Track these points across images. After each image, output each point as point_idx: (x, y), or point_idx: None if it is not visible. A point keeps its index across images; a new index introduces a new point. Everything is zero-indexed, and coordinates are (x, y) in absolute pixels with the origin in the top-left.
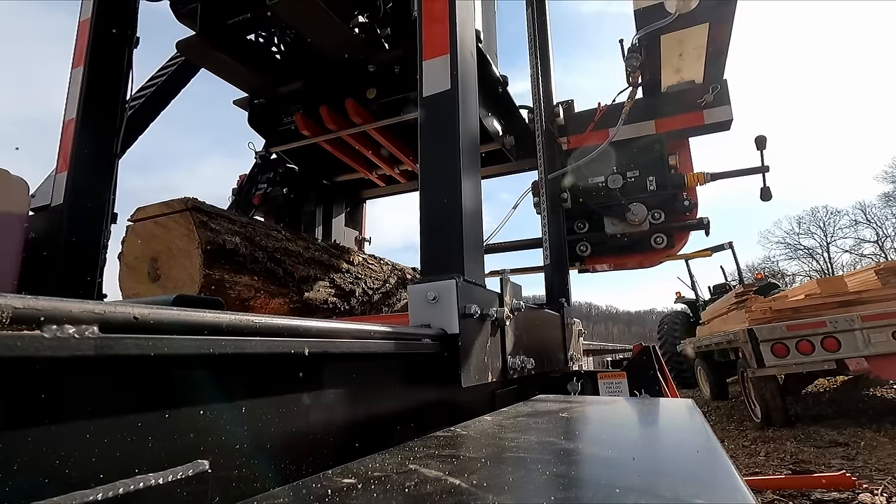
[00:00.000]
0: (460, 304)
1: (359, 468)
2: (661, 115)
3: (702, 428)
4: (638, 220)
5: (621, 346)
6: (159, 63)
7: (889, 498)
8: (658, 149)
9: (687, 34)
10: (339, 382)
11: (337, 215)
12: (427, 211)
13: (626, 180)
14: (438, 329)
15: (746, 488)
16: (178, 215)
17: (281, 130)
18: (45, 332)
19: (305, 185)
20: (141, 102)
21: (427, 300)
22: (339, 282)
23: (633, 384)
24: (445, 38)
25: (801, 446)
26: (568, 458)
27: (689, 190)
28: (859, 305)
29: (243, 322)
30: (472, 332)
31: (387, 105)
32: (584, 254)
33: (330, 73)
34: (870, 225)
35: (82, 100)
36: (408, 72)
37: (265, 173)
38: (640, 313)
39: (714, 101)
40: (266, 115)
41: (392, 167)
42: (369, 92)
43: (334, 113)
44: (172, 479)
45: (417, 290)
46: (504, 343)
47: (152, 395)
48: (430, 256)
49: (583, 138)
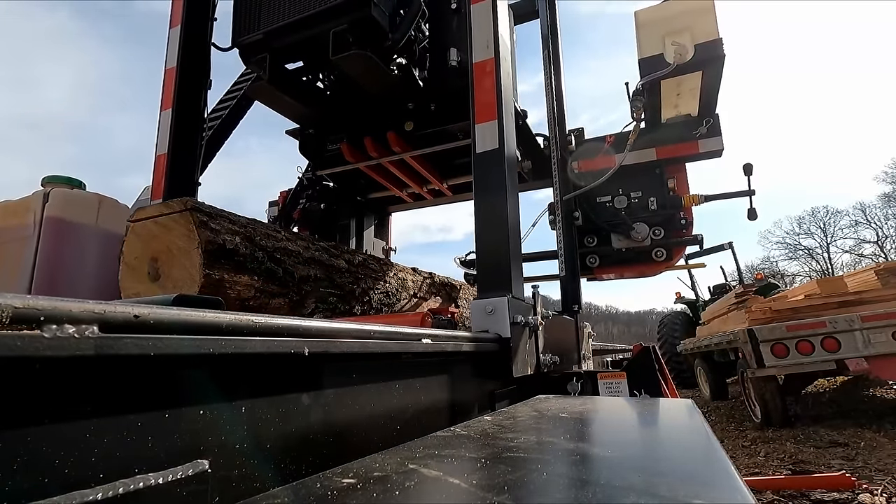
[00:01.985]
0: (510, 315)
1: (359, 468)
2: (661, 144)
3: (701, 428)
4: (641, 238)
5: (621, 346)
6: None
7: (889, 498)
8: (658, 173)
9: (683, 79)
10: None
11: (367, 227)
12: (482, 247)
13: (630, 200)
14: (495, 334)
15: (746, 488)
16: (178, 215)
17: (327, 156)
18: (45, 331)
19: (340, 201)
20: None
21: (486, 312)
22: (339, 282)
23: (633, 384)
24: (493, 108)
25: (800, 447)
26: (568, 458)
27: (685, 210)
28: (859, 306)
29: (243, 322)
30: (518, 336)
31: (422, 137)
32: (594, 265)
33: (373, 109)
34: (870, 225)
35: (171, 137)
36: (441, 109)
37: (305, 191)
38: (640, 313)
39: (707, 132)
40: (314, 143)
41: (421, 186)
42: (407, 125)
43: (376, 143)
44: (172, 479)
45: (478, 304)
46: (538, 344)
47: (152, 394)
48: (485, 279)
49: (592, 163)
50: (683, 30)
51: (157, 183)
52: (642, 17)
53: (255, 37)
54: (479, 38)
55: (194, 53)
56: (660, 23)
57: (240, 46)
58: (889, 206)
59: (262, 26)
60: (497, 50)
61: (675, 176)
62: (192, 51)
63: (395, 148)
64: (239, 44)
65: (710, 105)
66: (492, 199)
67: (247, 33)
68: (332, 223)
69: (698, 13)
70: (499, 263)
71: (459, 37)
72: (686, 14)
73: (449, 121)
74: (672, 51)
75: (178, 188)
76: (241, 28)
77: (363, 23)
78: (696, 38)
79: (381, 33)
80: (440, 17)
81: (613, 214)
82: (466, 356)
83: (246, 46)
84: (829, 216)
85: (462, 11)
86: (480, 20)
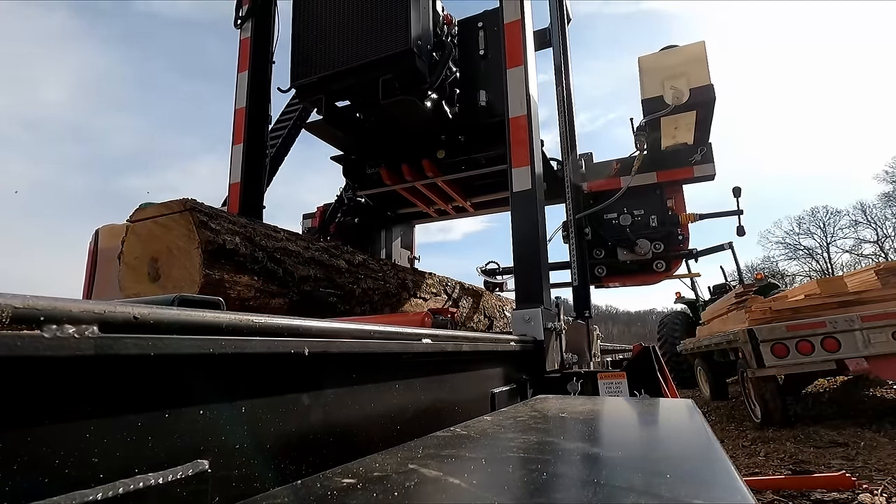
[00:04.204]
0: (543, 322)
1: (359, 468)
2: (661, 168)
3: (701, 428)
4: (643, 252)
5: (621, 346)
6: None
7: (889, 498)
8: (659, 194)
9: (680, 116)
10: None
11: (395, 239)
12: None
13: (634, 218)
14: (532, 337)
15: (746, 488)
16: (178, 215)
17: (366, 178)
18: (45, 331)
19: (372, 216)
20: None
21: (524, 320)
22: (339, 282)
23: (633, 384)
24: (527, 156)
25: (800, 446)
26: (568, 457)
27: (682, 227)
28: (859, 306)
29: (243, 322)
30: (548, 339)
31: (452, 164)
32: (601, 275)
33: (409, 139)
34: (870, 225)
35: (243, 167)
36: (470, 140)
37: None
38: (640, 313)
39: (701, 159)
40: (356, 167)
41: (447, 204)
42: (439, 153)
43: (412, 168)
44: (172, 479)
45: (518, 314)
46: (561, 345)
47: (152, 394)
48: (523, 294)
49: (600, 184)
50: (680, 75)
51: (231, 208)
52: (645, 63)
53: (311, 80)
54: (514, 97)
55: (258, 95)
56: (660, 69)
57: (298, 88)
58: (889, 206)
59: (317, 71)
60: (529, 107)
61: (674, 196)
62: (256, 93)
63: (428, 173)
64: (297, 86)
65: (703, 136)
66: (526, 231)
67: (304, 77)
68: (364, 236)
69: (693, 62)
70: (532, 281)
71: (487, 80)
72: (682, 62)
73: (476, 150)
74: (670, 94)
75: (248, 211)
76: (299, 72)
77: (408, 72)
78: (691, 83)
79: (422, 79)
80: (469, 61)
81: (619, 230)
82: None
83: (303, 88)
84: (828, 216)
85: (489, 57)
86: (515, 83)
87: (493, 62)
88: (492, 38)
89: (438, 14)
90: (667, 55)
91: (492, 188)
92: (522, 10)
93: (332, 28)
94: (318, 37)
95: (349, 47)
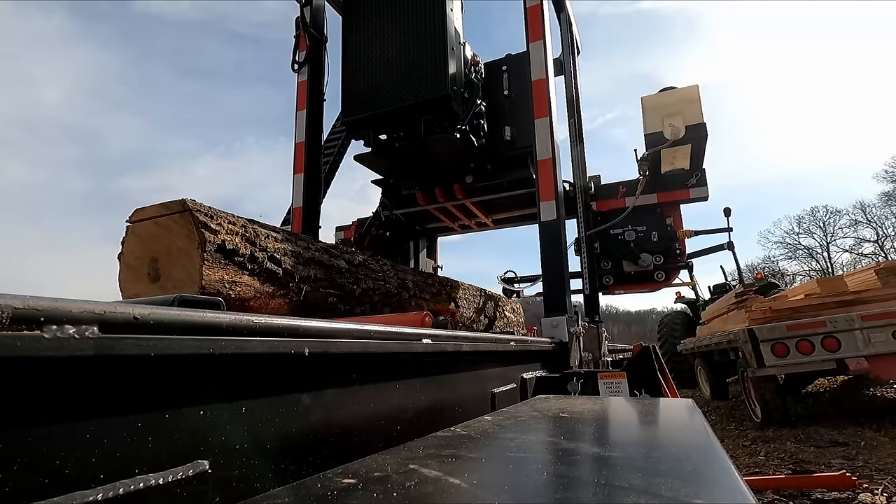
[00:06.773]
0: (567, 327)
1: (359, 468)
2: (661, 190)
3: (702, 428)
4: (646, 264)
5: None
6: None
7: (889, 498)
8: (659, 213)
9: (677, 149)
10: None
11: (421, 250)
12: (549, 281)
13: (637, 234)
14: (558, 339)
15: (746, 488)
16: (177, 216)
17: (402, 199)
18: (45, 332)
19: (403, 230)
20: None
21: (552, 325)
22: (339, 282)
23: (633, 384)
24: (552, 192)
25: (801, 446)
26: (568, 457)
27: (679, 242)
28: (859, 305)
29: (243, 322)
30: (571, 340)
31: (480, 188)
32: (608, 284)
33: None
34: (870, 224)
35: (304, 195)
36: (495, 168)
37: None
38: (640, 313)
39: (696, 183)
40: (394, 189)
41: (470, 220)
42: (468, 178)
43: (444, 191)
44: (172, 479)
45: (547, 320)
46: (580, 346)
47: (152, 395)
48: (551, 303)
49: (608, 203)
50: (677, 114)
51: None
52: (647, 102)
53: (360, 117)
54: (542, 143)
55: (314, 130)
56: (660, 107)
57: (348, 124)
58: (889, 206)
59: (365, 110)
60: (553, 152)
61: (672, 215)
62: (312, 129)
63: (458, 196)
64: (347, 122)
65: (698, 164)
66: (553, 251)
67: (354, 114)
68: (395, 247)
69: (688, 102)
70: (558, 293)
71: (512, 116)
72: (679, 102)
73: (500, 176)
74: (669, 130)
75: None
76: (349, 109)
77: (446, 113)
78: (686, 121)
79: (456, 118)
80: (494, 98)
81: (624, 245)
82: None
83: (352, 124)
84: (828, 215)
85: (512, 97)
86: (542, 131)
87: (516, 101)
88: (514, 80)
89: (468, 58)
90: (665, 95)
91: (510, 206)
92: (547, 70)
93: (379, 72)
94: (366, 80)
95: (394, 90)
